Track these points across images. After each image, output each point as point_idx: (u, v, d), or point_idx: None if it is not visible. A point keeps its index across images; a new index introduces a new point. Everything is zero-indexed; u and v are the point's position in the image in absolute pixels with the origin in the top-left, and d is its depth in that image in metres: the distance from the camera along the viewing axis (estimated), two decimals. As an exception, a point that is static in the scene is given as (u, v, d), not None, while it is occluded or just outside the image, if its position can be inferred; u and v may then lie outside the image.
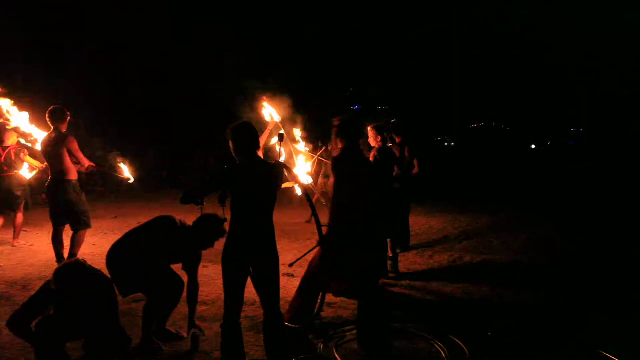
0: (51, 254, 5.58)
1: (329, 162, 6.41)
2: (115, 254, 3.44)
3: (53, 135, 5.21)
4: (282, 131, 4.15)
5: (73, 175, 5.30)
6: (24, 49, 14.27)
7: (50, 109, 5.23)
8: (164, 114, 16.98)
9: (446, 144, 47.07)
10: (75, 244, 5.33)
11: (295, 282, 4.52)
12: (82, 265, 3.13)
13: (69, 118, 5.34)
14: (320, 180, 8.11)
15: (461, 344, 3.49)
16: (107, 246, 3.62)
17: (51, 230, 5.43)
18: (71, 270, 3.09)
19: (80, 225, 5.33)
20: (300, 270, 4.76)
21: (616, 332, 3.83)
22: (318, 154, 7.41)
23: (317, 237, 3.82)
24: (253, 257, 3.08)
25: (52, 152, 5.21)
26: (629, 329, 3.91)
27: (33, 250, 6.48)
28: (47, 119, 5.21)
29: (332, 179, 6.23)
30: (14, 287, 4.82)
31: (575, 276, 5.48)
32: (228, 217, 3.14)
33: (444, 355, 3.36)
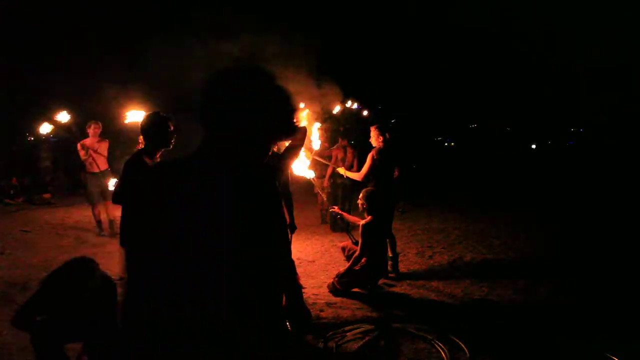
0: (51, 254, 6.18)
1: (324, 162, 6.46)
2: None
3: (98, 137, 7.36)
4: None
5: None
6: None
7: (92, 122, 7.43)
8: None
9: (446, 144, 47.06)
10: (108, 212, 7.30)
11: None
12: (90, 262, 3.13)
13: None
14: (315, 180, 8.12)
15: (461, 344, 3.49)
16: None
17: (51, 229, 5.76)
18: (77, 265, 3.09)
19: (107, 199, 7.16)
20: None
21: (618, 332, 3.83)
22: (314, 153, 7.40)
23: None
24: None
25: (100, 150, 7.35)
26: (633, 330, 3.91)
27: (33, 250, 6.47)
28: (93, 127, 7.31)
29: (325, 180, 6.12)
30: (13, 287, 4.81)
31: (576, 276, 5.48)
32: None
33: (444, 355, 3.36)
